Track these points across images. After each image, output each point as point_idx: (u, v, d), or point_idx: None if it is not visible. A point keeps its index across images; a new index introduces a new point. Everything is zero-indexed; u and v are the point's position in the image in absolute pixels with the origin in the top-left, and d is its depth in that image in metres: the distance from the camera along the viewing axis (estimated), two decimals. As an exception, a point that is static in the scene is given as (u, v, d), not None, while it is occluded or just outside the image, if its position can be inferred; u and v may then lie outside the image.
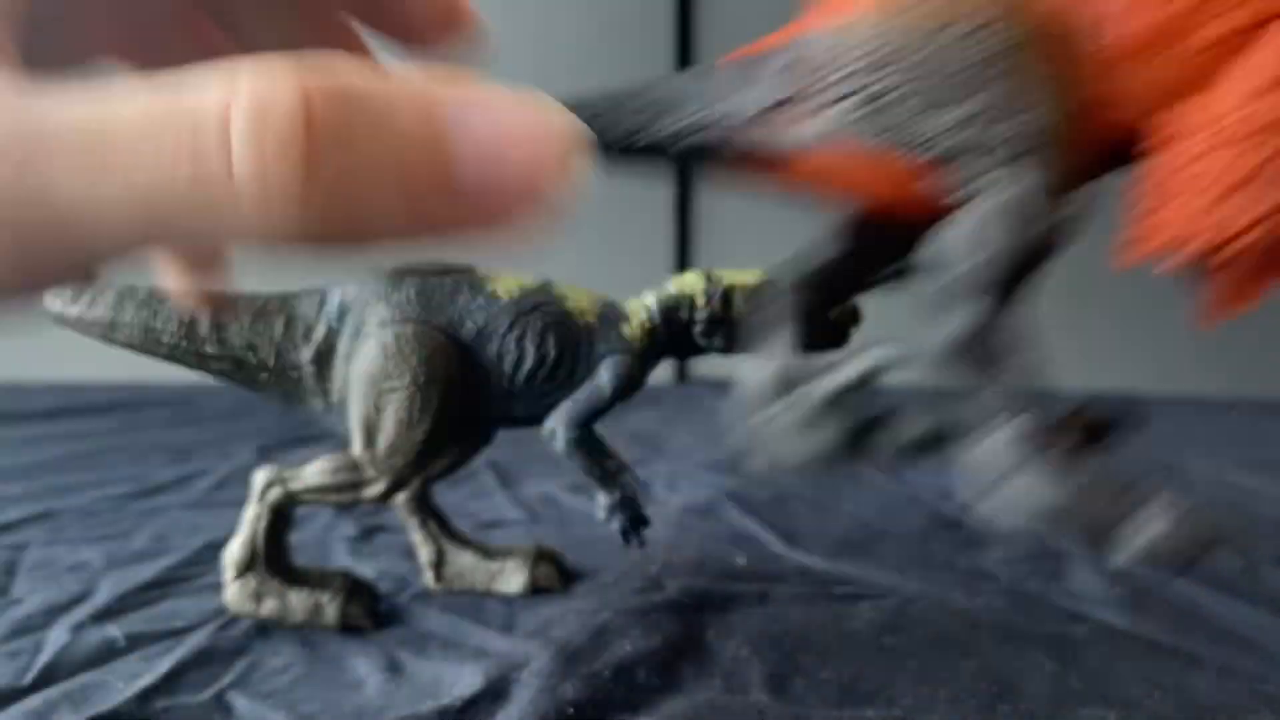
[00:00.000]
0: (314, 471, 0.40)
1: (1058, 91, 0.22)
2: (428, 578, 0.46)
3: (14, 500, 0.61)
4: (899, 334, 0.27)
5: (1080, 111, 0.22)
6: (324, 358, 0.39)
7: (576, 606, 0.43)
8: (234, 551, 0.41)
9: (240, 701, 0.34)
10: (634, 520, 0.41)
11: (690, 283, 0.40)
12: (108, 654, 0.38)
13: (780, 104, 0.24)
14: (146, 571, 0.47)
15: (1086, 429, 0.28)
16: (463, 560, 0.45)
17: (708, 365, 1.33)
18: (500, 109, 0.12)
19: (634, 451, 0.82)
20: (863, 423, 0.26)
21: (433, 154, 0.12)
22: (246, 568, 0.40)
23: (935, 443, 0.26)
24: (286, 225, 0.11)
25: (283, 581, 0.41)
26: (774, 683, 0.36)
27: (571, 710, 0.33)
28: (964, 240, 0.22)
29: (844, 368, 0.26)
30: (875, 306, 0.36)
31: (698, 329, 0.39)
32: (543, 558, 0.46)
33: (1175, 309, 0.37)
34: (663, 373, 1.35)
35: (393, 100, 0.12)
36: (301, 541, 0.53)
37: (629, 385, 0.39)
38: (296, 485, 0.40)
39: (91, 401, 1.01)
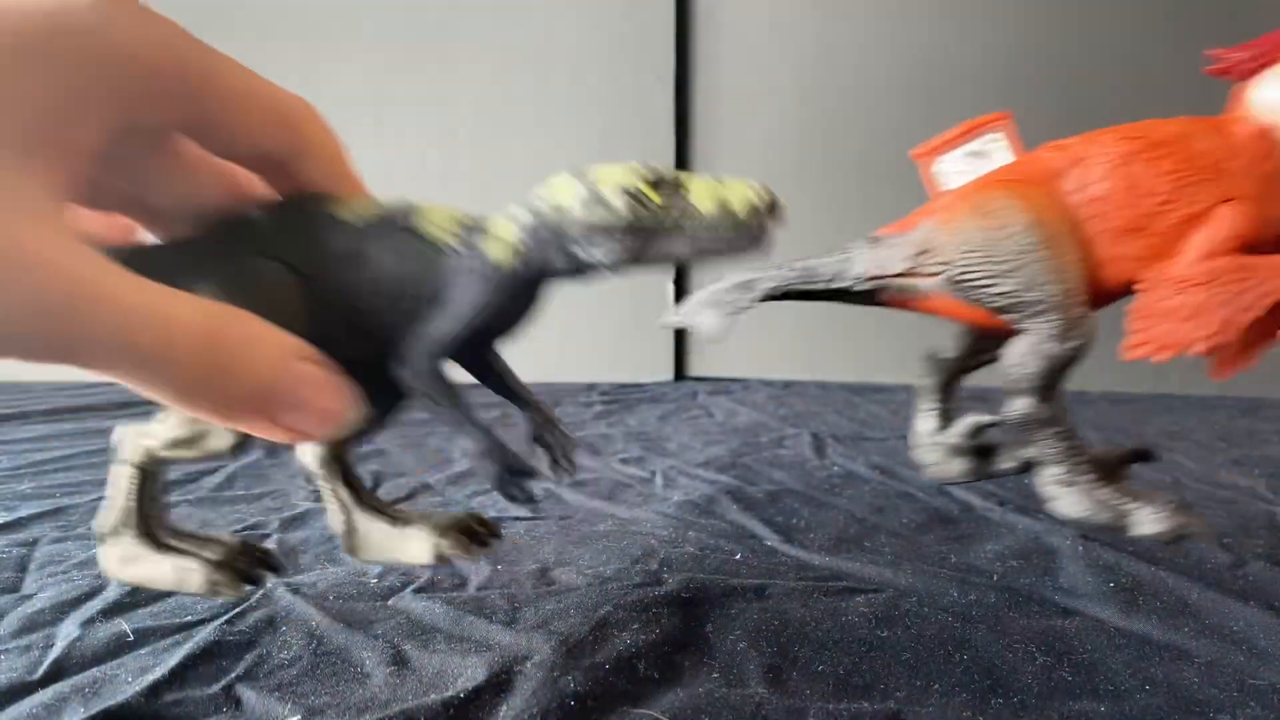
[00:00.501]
0: (163, 424, 0.38)
1: (1071, 263, 0.35)
2: (342, 547, 0.44)
3: (25, 497, 0.62)
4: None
5: (1087, 275, 0.36)
6: None
7: (578, 600, 0.44)
8: (101, 515, 0.40)
9: (249, 694, 0.35)
10: (511, 472, 0.35)
11: (562, 186, 0.33)
12: (117, 648, 0.39)
13: (912, 270, 0.38)
14: (154, 567, 0.48)
15: (1116, 460, 0.43)
16: (370, 529, 0.42)
17: (706, 364, 1.34)
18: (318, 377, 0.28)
19: (633, 449, 0.82)
20: (983, 455, 0.44)
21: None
22: (115, 531, 0.39)
23: (1026, 468, 0.42)
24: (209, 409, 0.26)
25: (154, 546, 0.39)
26: (771, 675, 0.37)
27: (573, 702, 0.34)
28: (1014, 362, 0.37)
29: (967, 423, 0.44)
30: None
31: (578, 242, 0.33)
32: (453, 526, 0.42)
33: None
34: (662, 371, 1.36)
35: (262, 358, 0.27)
36: (309, 539, 0.54)
37: (491, 310, 0.34)
38: (151, 441, 0.38)
39: (101, 400, 1.02)
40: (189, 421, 0.37)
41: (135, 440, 0.38)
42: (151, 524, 0.40)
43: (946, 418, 0.46)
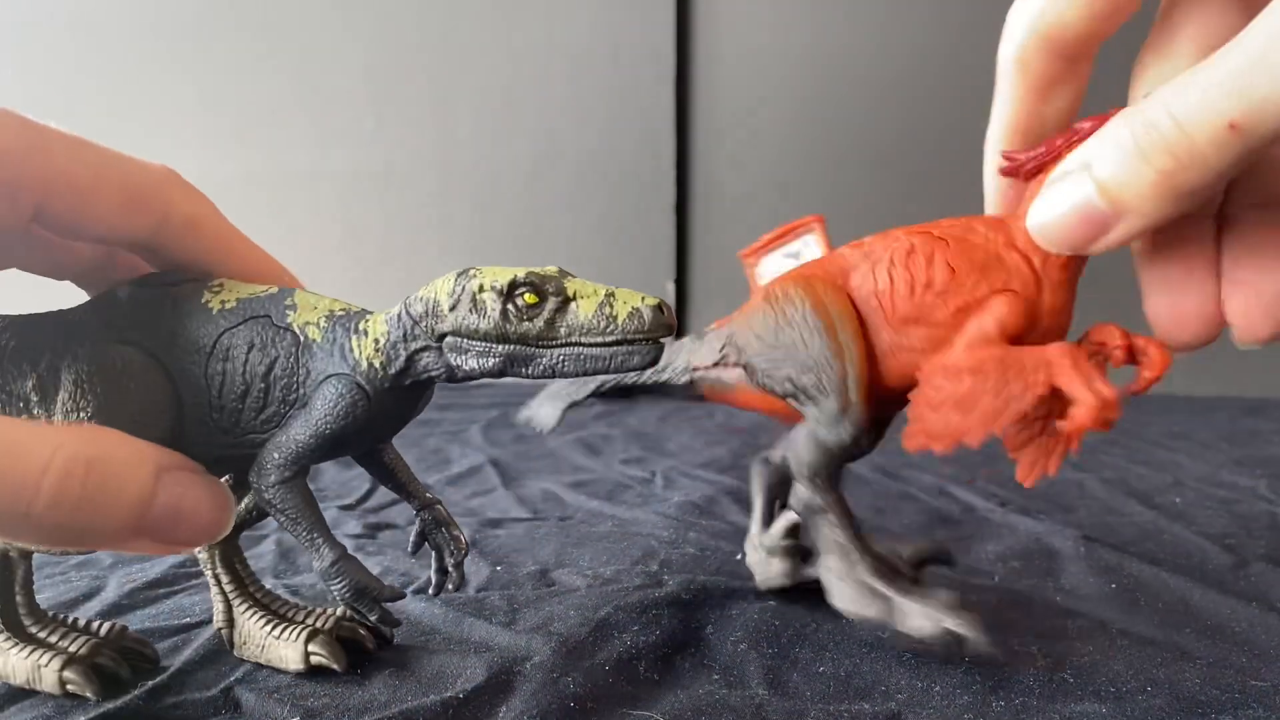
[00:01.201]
0: None
1: (849, 349, 0.36)
2: (225, 637, 0.39)
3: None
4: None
5: (870, 367, 0.37)
6: (47, 386, 0.32)
7: (578, 602, 0.44)
8: None
9: (248, 697, 0.35)
10: (366, 594, 0.32)
11: (440, 285, 0.30)
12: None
13: (720, 361, 0.40)
14: (154, 569, 0.48)
15: (910, 562, 0.43)
16: (250, 626, 0.38)
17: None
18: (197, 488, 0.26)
19: (633, 449, 0.82)
20: (799, 555, 0.44)
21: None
22: None
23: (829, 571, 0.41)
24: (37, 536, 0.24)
25: (14, 635, 0.36)
26: (772, 677, 0.37)
27: (573, 703, 0.34)
28: (792, 449, 0.38)
29: (780, 524, 0.45)
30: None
31: (449, 345, 0.30)
32: (335, 629, 0.38)
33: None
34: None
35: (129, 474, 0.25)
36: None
37: (353, 418, 0.31)
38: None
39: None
40: None
41: None
42: (12, 612, 0.37)
43: (770, 522, 0.47)
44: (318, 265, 1.22)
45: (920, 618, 0.36)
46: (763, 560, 0.45)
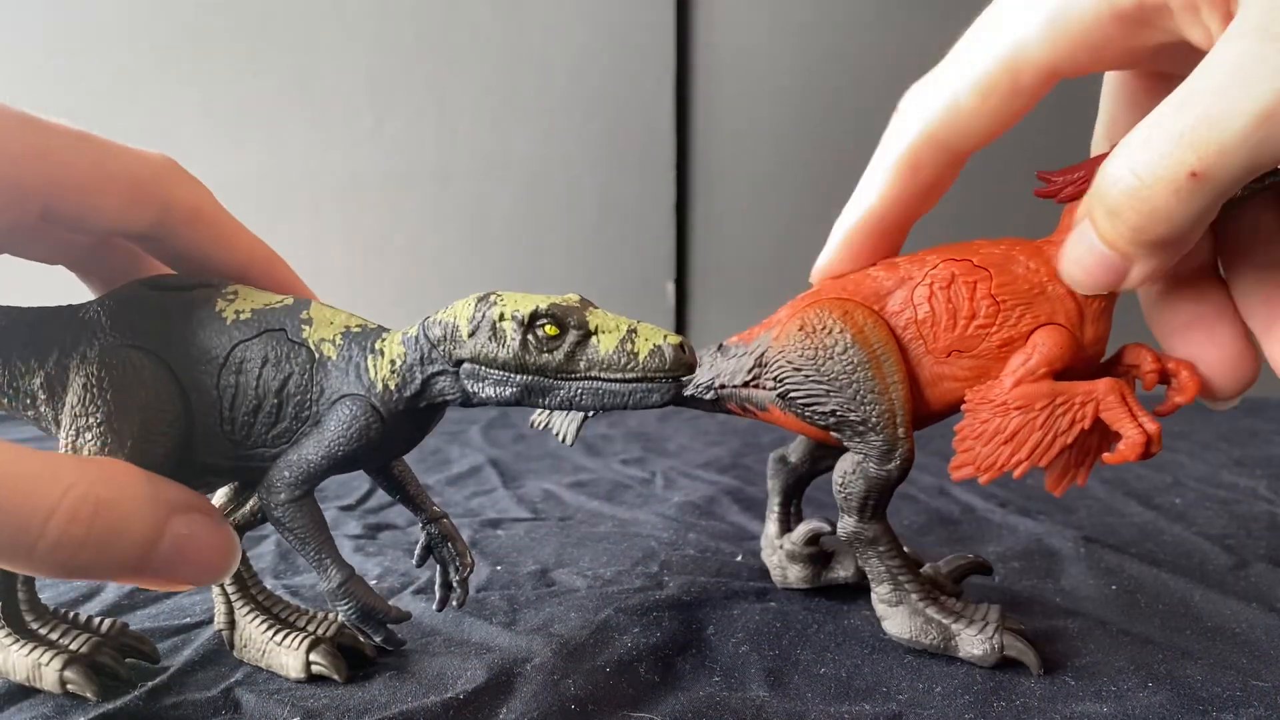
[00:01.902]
0: None
1: (895, 384, 0.36)
2: (225, 639, 0.39)
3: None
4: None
5: (912, 394, 0.37)
6: (55, 384, 0.32)
7: (578, 603, 0.44)
8: None
9: (248, 697, 0.35)
10: (372, 614, 0.32)
11: (460, 310, 0.30)
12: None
13: (750, 382, 0.40)
14: (153, 569, 0.48)
15: (951, 574, 0.44)
16: (250, 630, 0.38)
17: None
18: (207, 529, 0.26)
19: (633, 449, 0.82)
20: (820, 561, 0.45)
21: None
22: None
23: (861, 576, 0.43)
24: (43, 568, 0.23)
25: (16, 632, 0.36)
26: (773, 678, 0.37)
27: (573, 705, 0.34)
28: (839, 481, 0.38)
29: (802, 531, 0.45)
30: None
31: (465, 371, 0.30)
32: (336, 636, 0.38)
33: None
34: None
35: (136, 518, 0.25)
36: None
37: (366, 439, 0.30)
38: None
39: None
40: None
41: None
42: (13, 607, 0.36)
43: (788, 522, 0.48)
44: (317, 265, 1.22)
45: (976, 646, 0.37)
46: (782, 563, 0.46)
